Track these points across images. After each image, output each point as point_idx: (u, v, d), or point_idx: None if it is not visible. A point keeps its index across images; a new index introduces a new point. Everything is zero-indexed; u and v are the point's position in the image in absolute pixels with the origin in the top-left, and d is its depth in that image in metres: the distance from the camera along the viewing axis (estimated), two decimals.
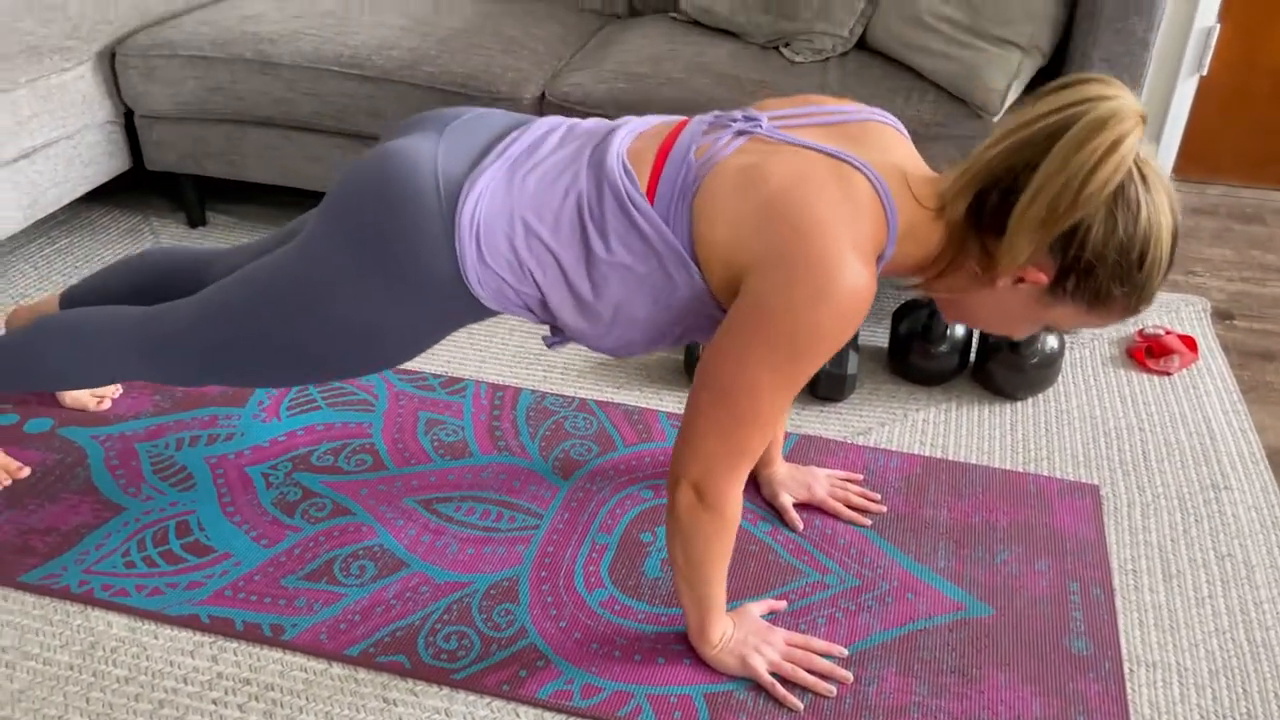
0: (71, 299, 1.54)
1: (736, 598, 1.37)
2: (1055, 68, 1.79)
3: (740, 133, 1.12)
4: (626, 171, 1.11)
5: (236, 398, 1.74)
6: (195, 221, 2.34)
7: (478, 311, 1.19)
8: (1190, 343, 1.92)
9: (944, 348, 1.77)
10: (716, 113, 1.18)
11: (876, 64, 1.90)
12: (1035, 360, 1.73)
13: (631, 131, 1.17)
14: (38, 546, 1.43)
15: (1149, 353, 1.89)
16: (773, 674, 1.24)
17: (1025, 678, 1.27)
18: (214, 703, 1.22)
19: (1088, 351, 1.93)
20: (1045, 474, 1.61)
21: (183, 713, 1.21)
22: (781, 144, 1.10)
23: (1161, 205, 0.99)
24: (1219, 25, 2.45)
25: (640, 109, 1.86)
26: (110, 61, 2.12)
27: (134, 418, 1.69)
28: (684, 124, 1.18)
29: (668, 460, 1.58)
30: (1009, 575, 1.41)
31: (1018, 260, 1.00)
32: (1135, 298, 1.02)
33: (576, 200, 1.12)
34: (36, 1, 2.17)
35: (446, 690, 1.24)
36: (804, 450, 1.64)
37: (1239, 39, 2.47)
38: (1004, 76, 1.71)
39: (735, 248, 1.06)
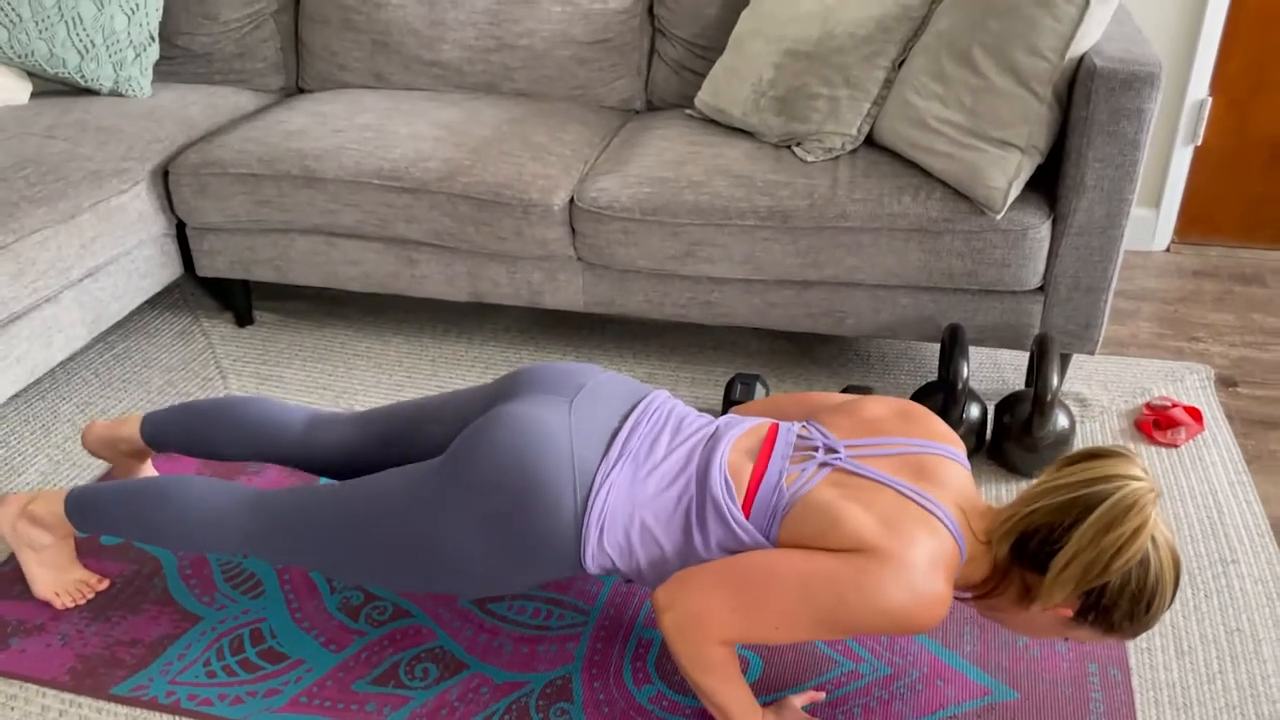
0: (155, 433, 1.67)
1: (778, 689, 1.46)
2: (1053, 164, 1.91)
3: (823, 464, 1.31)
4: (728, 488, 1.30)
5: None
6: (243, 321, 2.47)
7: (575, 571, 1.37)
8: (1196, 414, 2.01)
9: (961, 430, 1.87)
10: (800, 432, 1.38)
11: (885, 161, 2.02)
12: (1049, 441, 1.83)
13: (730, 442, 1.36)
14: (125, 658, 1.54)
15: (1156, 425, 1.99)
16: None
17: None
18: None
19: (1098, 425, 2.03)
20: None
21: None
22: (862, 479, 1.28)
23: (1167, 562, 1.19)
24: (1210, 98, 2.57)
25: (664, 213, 1.98)
26: (164, 179, 2.26)
27: None
28: (773, 436, 1.36)
29: None
30: (1031, 658, 1.51)
31: (1052, 602, 1.21)
32: (1141, 628, 1.23)
33: (687, 506, 1.32)
34: (93, 123, 2.32)
35: None
36: None
37: (1230, 110, 2.58)
38: (1004, 176, 1.83)
39: (830, 537, 1.23)
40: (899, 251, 1.92)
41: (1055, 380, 1.80)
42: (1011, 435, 1.86)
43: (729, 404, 1.95)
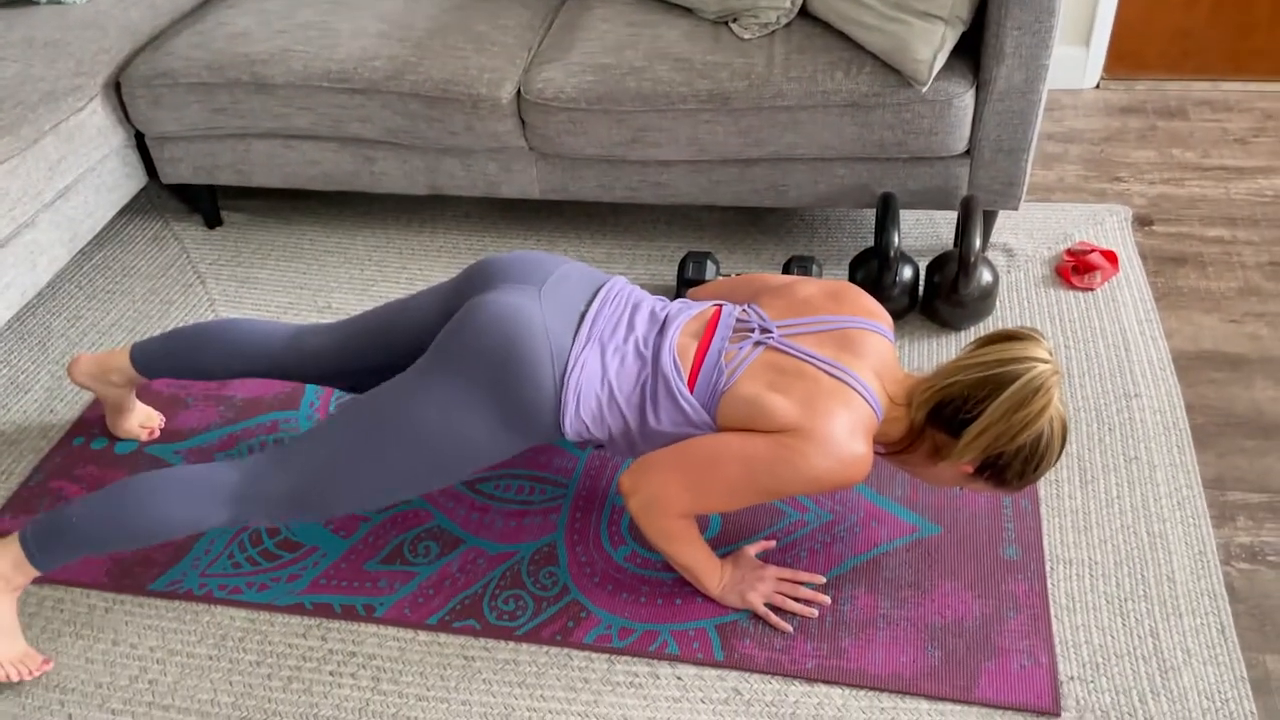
0: (146, 360, 1.79)
1: (734, 540, 1.68)
2: (975, 33, 2.00)
3: (757, 343, 1.48)
4: (676, 367, 1.47)
5: (291, 401, 2.01)
6: (212, 223, 2.56)
7: (555, 438, 1.53)
8: (1112, 256, 2.18)
9: (895, 291, 2.03)
10: (739, 315, 1.53)
11: (818, 34, 2.10)
12: (974, 297, 2.00)
13: (679, 326, 1.52)
14: (157, 557, 1.73)
15: (1075, 270, 2.16)
16: (767, 604, 1.56)
17: (967, 584, 1.59)
18: (331, 674, 1.55)
19: (1022, 275, 2.19)
20: None
21: (309, 685, 1.53)
22: (789, 356, 1.45)
23: (1058, 434, 1.37)
24: None
25: (608, 101, 2.06)
26: (117, 91, 2.30)
27: (206, 430, 1.96)
28: (715, 320, 1.53)
29: None
30: (953, 496, 1.72)
31: (960, 461, 1.40)
32: (1026, 484, 1.44)
33: (643, 383, 1.49)
34: (39, 39, 2.33)
35: (512, 644, 1.56)
36: None
37: None
38: (929, 48, 1.92)
39: (759, 423, 1.41)
40: (834, 126, 2.03)
41: (978, 241, 1.95)
42: (940, 294, 2.02)
43: (682, 281, 2.10)
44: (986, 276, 2.01)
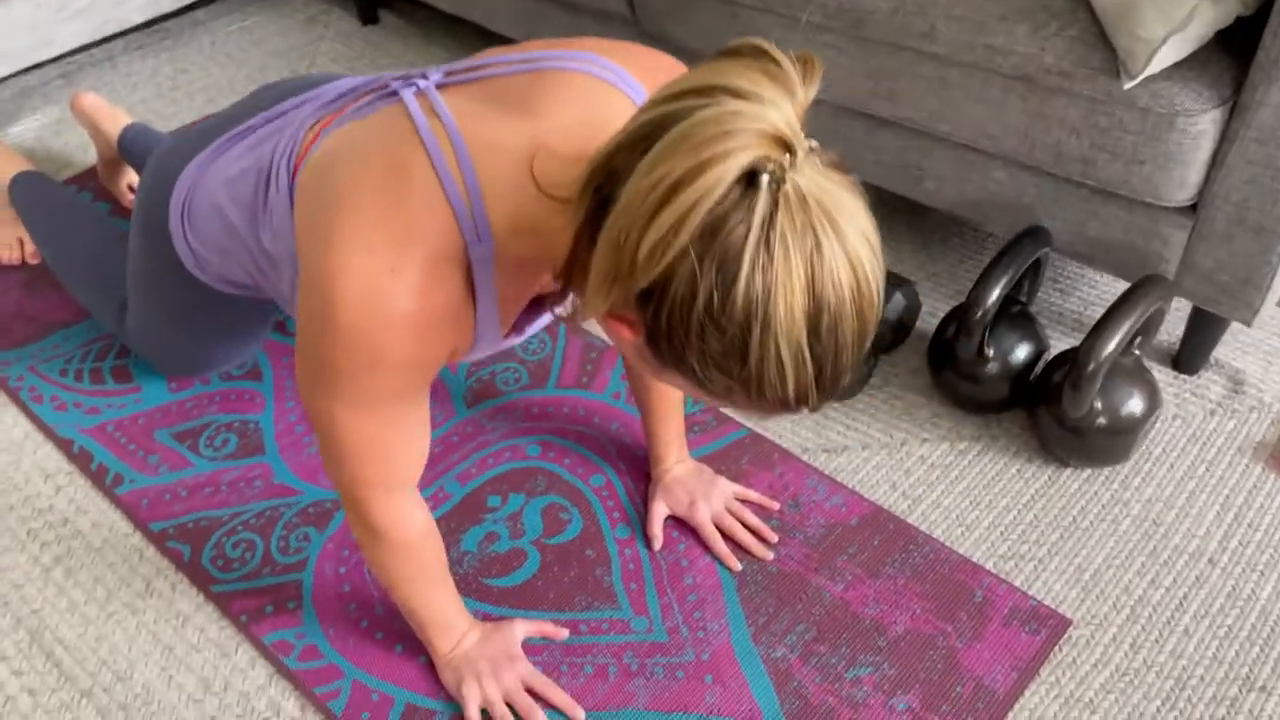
0: (130, 144, 1.65)
1: (527, 607, 1.20)
2: (1253, 27, 1.18)
3: (383, 98, 0.91)
4: (293, 145, 0.98)
5: None
6: (367, 19, 2.33)
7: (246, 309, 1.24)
8: None
9: (990, 368, 1.35)
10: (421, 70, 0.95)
11: None
12: (1099, 424, 1.27)
13: (343, 91, 1.02)
14: (15, 332, 1.58)
15: None
16: (485, 710, 1.09)
17: None
18: (28, 534, 1.31)
19: (1231, 425, 1.37)
20: (1019, 584, 1.21)
21: (4, 530, 1.31)
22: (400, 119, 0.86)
23: (795, 273, 0.61)
24: None
25: None
26: None
27: None
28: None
29: (588, 414, 1.40)
30: (846, 699, 1.10)
31: (598, 312, 0.69)
32: (750, 389, 0.66)
33: (255, 180, 1.02)
34: None
35: (200, 598, 1.23)
36: (735, 455, 1.36)
37: None
38: (1163, 24, 1.16)
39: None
40: (994, 103, 1.34)
41: (1112, 342, 1.21)
42: (1046, 403, 1.31)
43: None
44: (1133, 406, 1.26)
